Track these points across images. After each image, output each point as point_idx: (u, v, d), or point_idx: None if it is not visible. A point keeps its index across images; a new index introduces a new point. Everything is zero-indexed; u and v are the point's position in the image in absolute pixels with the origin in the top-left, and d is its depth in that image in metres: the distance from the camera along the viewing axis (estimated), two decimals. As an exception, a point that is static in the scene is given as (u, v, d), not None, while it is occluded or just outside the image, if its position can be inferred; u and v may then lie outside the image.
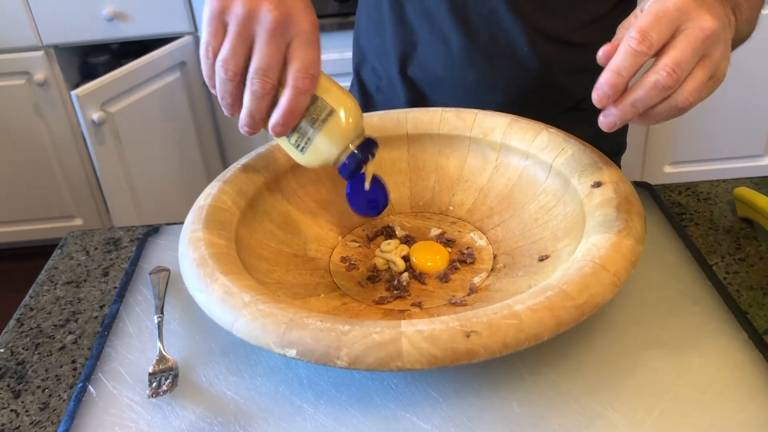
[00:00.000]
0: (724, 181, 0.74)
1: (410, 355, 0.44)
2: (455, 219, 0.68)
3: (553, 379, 0.51)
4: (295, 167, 0.67)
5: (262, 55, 0.52)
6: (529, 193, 0.65)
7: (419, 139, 0.71)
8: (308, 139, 0.56)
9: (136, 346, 0.58)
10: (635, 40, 0.47)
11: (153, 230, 0.73)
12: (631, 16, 0.54)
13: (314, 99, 0.55)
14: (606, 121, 0.50)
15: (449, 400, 0.51)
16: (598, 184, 0.58)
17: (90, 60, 1.82)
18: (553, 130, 0.65)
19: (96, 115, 1.53)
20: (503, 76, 0.77)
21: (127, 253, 0.71)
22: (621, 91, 0.49)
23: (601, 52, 0.50)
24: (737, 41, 0.62)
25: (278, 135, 0.55)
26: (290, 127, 0.55)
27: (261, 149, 0.67)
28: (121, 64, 1.62)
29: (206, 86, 1.76)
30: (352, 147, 0.57)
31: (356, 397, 0.51)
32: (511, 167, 0.67)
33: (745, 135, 1.87)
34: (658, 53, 0.48)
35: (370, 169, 0.60)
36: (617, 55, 0.48)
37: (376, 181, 0.61)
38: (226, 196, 0.60)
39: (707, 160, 1.91)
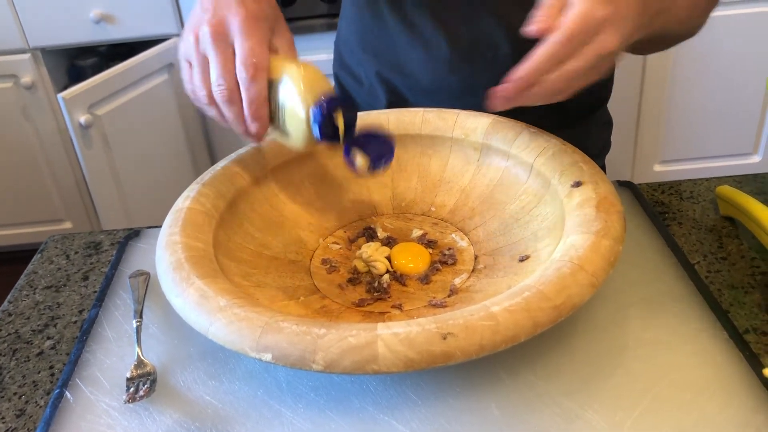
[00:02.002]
0: (707, 179, 0.74)
1: (386, 358, 0.44)
2: (437, 220, 0.68)
3: (532, 381, 0.51)
4: (276, 170, 0.67)
5: (213, 67, 0.56)
6: (510, 194, 0.65)
7: (401, 139, 0.70)
8: (282, 120, 0.57)
9: (115, 351, 0.57)
10: (561, 44, 0.49)
11: (134, 234, 0.72)
12: None
13: (271, 82, 0.56)
14: (498, 102, 0.53)
15: (428, 403, 0.50)
16: (578, 184, 0.57)
17: (77, 62, 1.81)
18: (534, 130, 0.65)
19: (83, 118, 1.52)
20: (485, 79, 0.76)
21: (107, 257, 0.71)
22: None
23: (534, 27, 0.51)
24: (673, 38, 0.65)
25: (258, 131, 0.57)
26: (261, 118, 0.56)
27: (241, 151, 0.67)
28: (108, 67, 1.61)
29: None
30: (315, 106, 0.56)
31: (335, 401, 0.51)
32: (492, 168, 0.67)
33: (735, 134, 1.87)
34: None
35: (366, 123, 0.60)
36: (543, 52, 0.50)
37: (375, 134, 0.61)
38: (205, 198, 0.60)
39: (697, 159, 1.92)
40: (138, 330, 0.57)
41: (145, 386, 0.52)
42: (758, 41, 1.72)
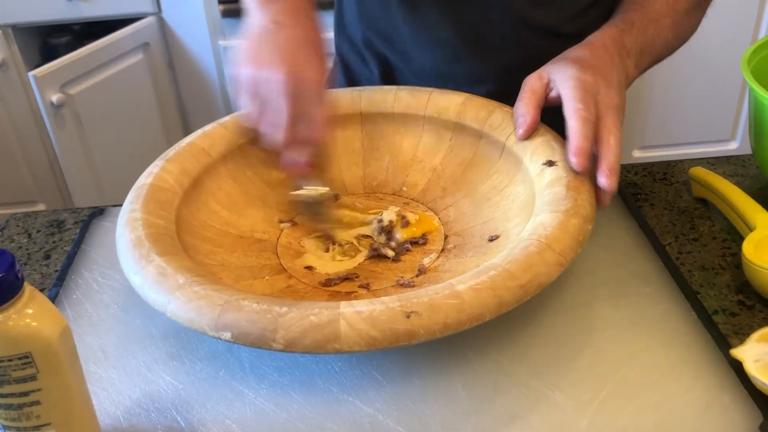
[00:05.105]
0: (680, 161, 0.73)
1: (348, 336, 0.43)
2: (408, 200, 0.67)
3: (499, 361, 0.50)
4: (243, 147, 0.65)
5: (283, 122, 0.57)
6: (482, 173, 0.64)
7: (373, 118, 0.69)
8: None
9: (73, 330, 0.56)
10: (584, 110, 0.55)
11: (98, 212, 0.70)
12: (535, 75, 0.61)
13: None
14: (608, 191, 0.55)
15: (394, 383, 0.49)
16: (549, 163, 0.57)
17: (51, 41, 1.76)
18: (507, 109, 0.64)
19: (55, 97, 1.49)
20: (491, 70, 0.74)
21: (71, 236, 0.69)
22: (589, 153, 0.55)
23: (521, 131, 0.60)
24: (668, 55, 0.72)
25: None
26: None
27: (207, 128, 0.65)
28: (82, 46, 1.57)
29: (170, 68, 1.73)
30: None
31: (298, 381, 0.50)
32: (465, 147, 0.66)
33: (713, 120, 1.87)
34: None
35: None
36: (577, 125, 0.55)
37: None
38: (168, 174, 0.58)
39: (675, 145, 1.92)
40: None
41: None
42: (738, 28, 1.72)
